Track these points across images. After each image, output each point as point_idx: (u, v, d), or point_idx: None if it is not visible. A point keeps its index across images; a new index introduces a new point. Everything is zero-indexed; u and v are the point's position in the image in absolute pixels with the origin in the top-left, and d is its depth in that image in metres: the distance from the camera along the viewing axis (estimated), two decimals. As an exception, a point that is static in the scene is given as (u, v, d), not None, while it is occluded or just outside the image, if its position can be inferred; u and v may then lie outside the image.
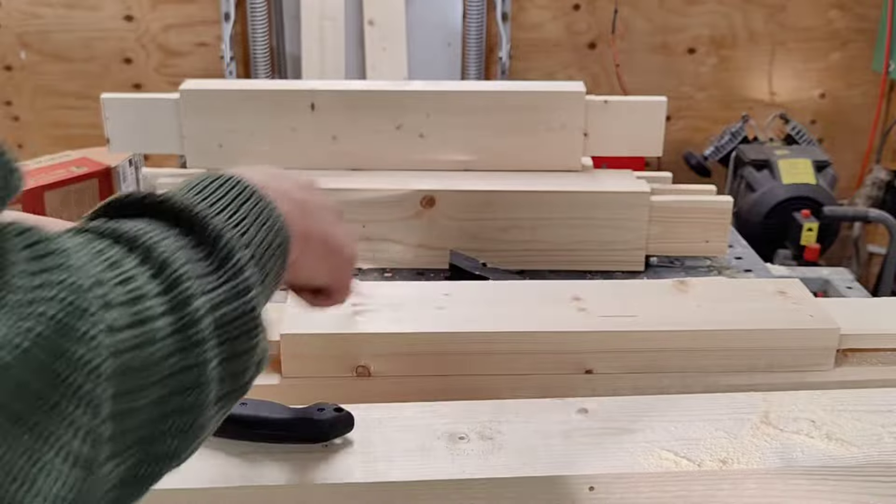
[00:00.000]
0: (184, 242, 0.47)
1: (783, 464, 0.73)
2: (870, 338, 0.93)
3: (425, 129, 1.32)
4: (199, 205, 0.50)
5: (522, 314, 0.92)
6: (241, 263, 0.49)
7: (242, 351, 0.48)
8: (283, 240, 0.55)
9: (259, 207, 0.53)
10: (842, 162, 2.94)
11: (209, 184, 0.53)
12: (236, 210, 0.52)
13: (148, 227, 0.46)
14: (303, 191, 0.63)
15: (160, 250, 0.44)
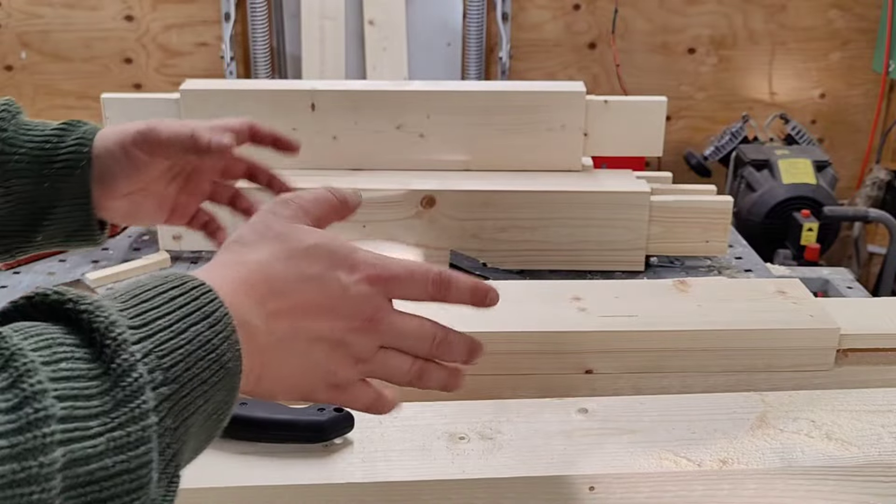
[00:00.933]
0: (82, 356, 0.42)
1: (783, 464, 0.73)
2: (870, 338, 0.93)
3: (425, 129, 1.32)
4: (107, 318, 0.43)
5: (522, 314, 0.92)
6: (139, 384, 0.42)
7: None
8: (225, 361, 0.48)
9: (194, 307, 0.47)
10: (842, 162, 2.94)
11: (150, 288, 0.48)
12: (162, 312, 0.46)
13: (37, 341, 0.41)
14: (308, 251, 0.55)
15: (23, 360, 0.39)
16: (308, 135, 1.31)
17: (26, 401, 0.38)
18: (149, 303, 0.46)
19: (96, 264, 1.31)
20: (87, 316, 0.43)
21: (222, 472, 0.71)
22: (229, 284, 0.51)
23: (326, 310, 0.55)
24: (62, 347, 0.42)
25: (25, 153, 0.75)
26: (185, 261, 1.31)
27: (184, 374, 0.45)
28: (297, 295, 0.54)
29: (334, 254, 0.56)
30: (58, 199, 0.76)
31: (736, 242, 1.42)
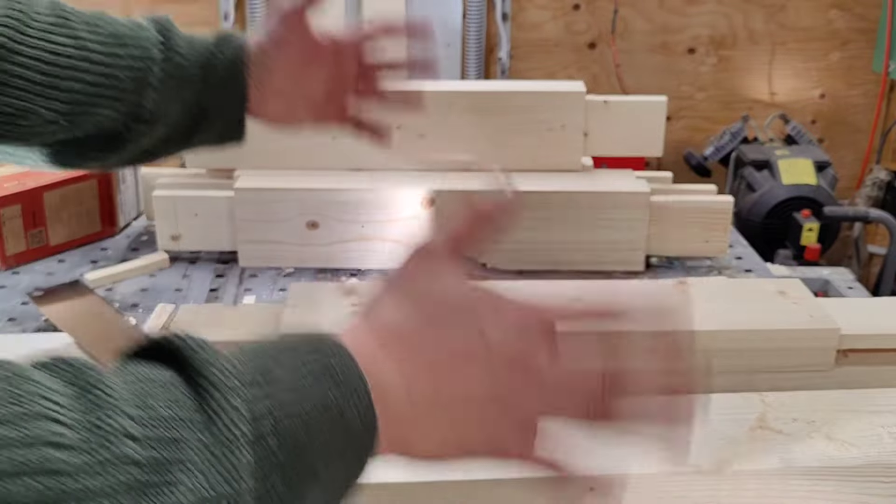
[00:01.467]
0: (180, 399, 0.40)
1: (783, 464, 0.73)
2: (870, 338, 0.92)
3: (425, 129, 1.32)
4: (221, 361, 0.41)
5: (522, 314, 0.92)
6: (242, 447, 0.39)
7: None
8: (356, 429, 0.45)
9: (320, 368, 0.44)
10: (842, 162, 2.94)
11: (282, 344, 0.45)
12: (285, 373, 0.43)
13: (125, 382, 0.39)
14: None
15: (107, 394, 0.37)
16: (307, 135, 1.31)
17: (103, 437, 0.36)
18: (274, 358, 0.44)
19: (95, 264, 1.31)
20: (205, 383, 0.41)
21: (221, 473, 0.71)
22: (365, 345, 0.48)
23: (471, 366, 0.50)
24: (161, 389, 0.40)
25: (194, 63, 0.83)
26: (184, 261, 1.31)
27: (301, 437, 0.42)
28: (439, 352, 0.50)
29: (476, 303, 0.53)
30: (220, 103, 0.86)
31: (736, 242, 1.42)
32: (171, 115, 0.83)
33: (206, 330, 0.91)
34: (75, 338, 0.95)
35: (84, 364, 0.39)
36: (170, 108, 0.83)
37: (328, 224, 1.27)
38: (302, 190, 1.26)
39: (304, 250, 1.28)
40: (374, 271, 1.28)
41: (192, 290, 1.23)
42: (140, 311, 1.15)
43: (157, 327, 1.04)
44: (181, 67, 0.83)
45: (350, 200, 1.26)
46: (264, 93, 0.88)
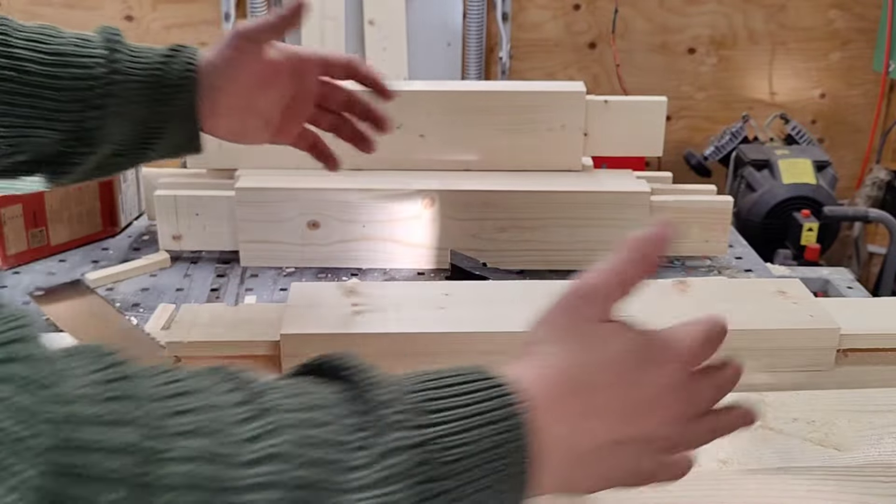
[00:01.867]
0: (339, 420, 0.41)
1: (783, 464, 0.73)
2: (870, 338, 0.93)
3: (425, 129, 1.32)
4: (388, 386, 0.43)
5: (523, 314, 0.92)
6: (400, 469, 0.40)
7: None
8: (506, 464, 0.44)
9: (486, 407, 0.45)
10: (842, 162, 2.94)
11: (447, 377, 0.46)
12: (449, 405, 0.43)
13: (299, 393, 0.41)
14: None
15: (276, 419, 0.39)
16: (308, 135, 1.31)
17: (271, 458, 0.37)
18: (438, 391, 0.45)
19: (96, 264, 1.31)
20: (364, 385, 0.43)
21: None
22: (531, 388, 0.48)
23: (636, 414, 0.51)
24: (326, 413, 0.41)
25: (139, 80, 0.81)
26: (185, 261, 1.31)
27: (455, 477, 0.42)
28: (606, 401, 0.51)
29: (641, 351, 0.53)
30: (169, 119, 0.83)
31: (736, 242, 1.42)
32: (116, 133, 0.81)
33: (206, 330, 0.91)
34: (76, 338, 0.95)
35: None
36: (114, 127, 0.80)
37: (329, 224, 1.27)
38: (303, 190, 1.26)
39: (304, 250, 1.28)
40: (375, 271, 1.29)
41: (194, 290, 1.23)
42: (141, 311, 1.15)
43: (157, 327, 1.04)
44: (125, 85, 0.80)
45: (350, 200, 1.26)
46: (214, 109, 0.85)
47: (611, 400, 0.51)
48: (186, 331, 0.91)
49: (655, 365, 0.53)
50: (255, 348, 0.90)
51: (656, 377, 0.52)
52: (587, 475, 0.51)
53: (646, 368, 0.52)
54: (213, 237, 1.30)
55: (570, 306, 0.56)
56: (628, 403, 0.51)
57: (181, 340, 0.89)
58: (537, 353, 0.53)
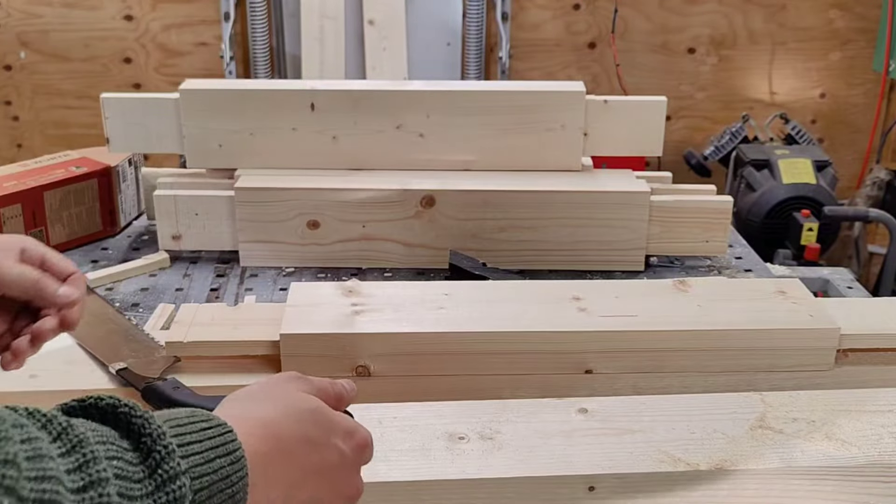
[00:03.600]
0: (129, 459, 0.46)
1: (783, 464, 0.73)
2: (870, 338, 0.93)
3: (425, 129, 1.32)
4: (158, 427, 0.48)
5: (522, 314, 0.92)
6: (181, 494, 0.47)
7: None
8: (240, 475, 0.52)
9: (220, 441, 0.51)
10: (842, 162, 2.94)
11: (184, 417, 0.52)
12: (195, 439, 0.50)
13: (97, 436, 0.46)
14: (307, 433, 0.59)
15: (90, 448, 0.44)
16: (308, 135, 1.31)
17: (92, 485, 0.42)
18: (184, 428, 0.50)
19: (95, 264, 1.31)
20: (139, 422, 0.47)
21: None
22: (241, 438, 0.53)
23: (323, 476, 0.59)
24: (114, 446, 0.45)
25: None
26: (185, 261, 1.31)
27: (208, 501, 0.49)
28: (301, 457, 0.57)
29: (332, 420, 0.60)
30: None
31: (736, 242, 1.42)
32: None
33: (206, 330, 0.91)
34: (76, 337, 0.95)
35: None
36: None
37: (328, 224, 1.27)
38: (302, 190, 1.26)
39: (304, 250, 1.28)
40: (375, 271, 1.29)
41: (193, 290, 1.23)
42: (141, 311, 1.15)
43: (157, 327, 1.04)
44: None
45: (350, 200, 1.26)
46: None
47: (304, 457, 0.58)
48: (186, 331, 0.91)
49: (343, 436, 0.61)
50: (255, 348, 0.89)
51: (345, 448, 0.60)
52: None
53: (336, 436, 0.60)
54: (212, 237, 1.30)
55: (280, 376, 0.63)
56: (318, 466, 0.59)
57: (181, 340, 0.89)
58: (243, 404, 0.59)
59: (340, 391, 0.66)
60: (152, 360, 0.89)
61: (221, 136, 1.31)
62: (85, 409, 0.49)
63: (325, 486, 0.59)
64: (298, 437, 0.58)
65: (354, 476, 0.62)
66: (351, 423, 0.62)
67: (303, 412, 0.59)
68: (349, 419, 0.63)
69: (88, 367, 0.90)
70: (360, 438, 0.62)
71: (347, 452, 0.60)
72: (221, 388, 0.82)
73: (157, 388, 0.82)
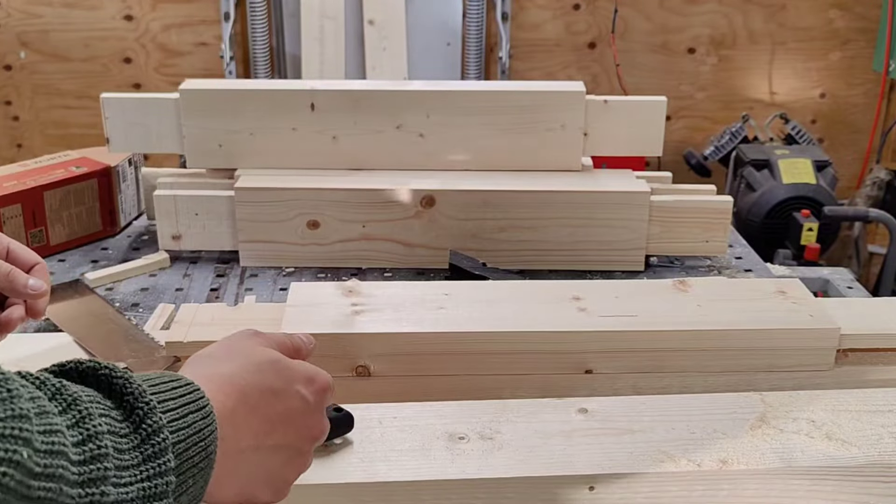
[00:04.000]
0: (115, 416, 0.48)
1: (783, 464, 0.73)
2: (870, 338, 0.93)
3: (425, 129, 1.32)
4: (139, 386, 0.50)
5: (522, 314, 0.92)
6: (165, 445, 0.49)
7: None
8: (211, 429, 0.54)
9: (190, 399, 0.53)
10: (842, 162, 2.94)
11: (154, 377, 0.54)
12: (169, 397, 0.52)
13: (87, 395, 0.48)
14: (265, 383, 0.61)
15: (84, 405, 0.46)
16: (308, 135, 1.31)
17: (90, 438, 0.45)
18: (158, 387, 0.52)
19: (95, 264, 1.31)
20: (121, 381, 0.49)
21: (222, 472, 0.71)
22: (207, 390, 0.55)
23: (289, 422, 0.61)
24: (101, 405, 0.48)
25: None
26: (185, 261, 1.31)
27: (184, 453, 0.51)
28: (265, 407, 0.60)
29: (292, 368, 0.63)
30: None
31: (736, 242, 1.42)
32: None
33: (206, 330, 0.91)
34: (76, 337, 0.95)
35: None
36: None
37: (328, 223, 1.27)
38: (302, 189, 1.26)
39: (304, 250, 1.28)
40: (375, 271, 1.29)
41: (193, 290, 1.23)
42: (141, 311, 1.15)
43: (157, 327, 1.04)
44: None
45: (350, 200, 1.26)
46: None
47: (268, 406, 0.60)
48: (186, 331, 0.91)
49: (305, 382, 0.63)
50: (255, 348, 0.89)
51: (307, 392, 0.63)
52: (235, 481, 0.58)
53: (297, 383, 0.63)
54: (212, 237, 1.30)
55: (238, 334, 0.66)
56: (283, 413, 0.61)
57: (181, 340, 0.89)
58: (205, 364, 0.61)
59: (298, 343, 0.69)
60: (152, 360, 0.89)
61: (221, 136, 1.31)
62: (66, 373, 0.51)
63: (291, 431, 0.61)
64: (261, 388, 0.60)
65: (319, 418, 0.64)
66: (311, 369, 0.65)
67: (263, 364, 0.61)
68: (308, 366, 0.65)
69: (88, 367, 0.89)
70: (320, 382, 0.65)
71: (309, 397, 0.63)
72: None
73: (157, 388, 0.82)
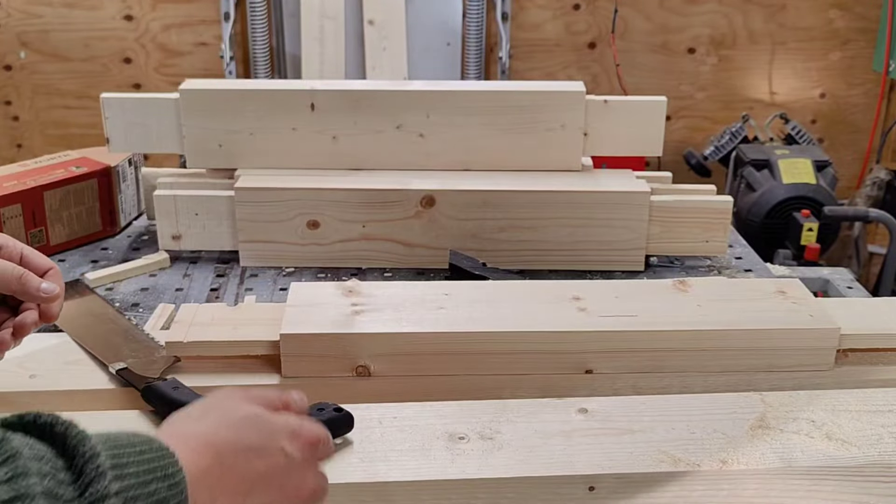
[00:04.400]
0: (61, 478, 0.47)
1: (783, 464, 0.73)
2: (870, 338, 0.93)
3: (425, 129, 1.32)
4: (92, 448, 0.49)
5: (522, 314, 0.92)
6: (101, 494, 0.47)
7: None
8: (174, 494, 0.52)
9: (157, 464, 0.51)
10: (842, 162, 2.94)
11: (124, 439, 0.52)
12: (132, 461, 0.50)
13: (32, 451, 0.46)
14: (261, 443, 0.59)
15: (26, 481, 0.44)
16: (307, 135, 1.31)
17: (19, 498, 0.43)
18: (122, 450, 0.50)
19: (95, 264, 1.31)
20: (74, 441, 0.48)
21: (222, 473, 0.71)
22: (183, 456, 0.54)
23: (271, 481, 0.59)
24: (48, 464, 0.46)
25: None
26: (185, 261, 1.31)
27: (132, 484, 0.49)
28: (243, 465, 0.58)
29: (273, 423, 0.61)
30: None
31: (736, 242, 1.42)
32: None
33: (206, 330, 0.91)
34: (76, 337, 0.95)
35: None
36: None
37: (328, 223, 1.27)
38: (302, 189, 1.26)
39: (304, 250, 1.28)
40: (375, 271, 1.29)
41: (193, 290, 1.23)
42: (141, 311, 1.15)
43: (157, 327, 1.04)
44: None
45: (350, 200, 1.26)
46: None
47: (247, 465, 0.58)
48: (186, 330, 0.91)
49: (289, 437, 0.61)
50: (255, 348, 0.89)
51: (291, 449, 0.60)
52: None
53: (279, 438, 0.60)
54: (212, 237, 1.30)
55: (219, 392, 0.64)
56: (263, 472, 0.59)
57: (181, 340, 0.89)
58: (182, 423, 0.59)
59: (286, 398, 0.66)
60: (152, 360, 0.89)
61: (221, 136, 1.31)
62: (24, 425, 0.49)
63: (273, 490, 0.59)
64: (238, 446, 0.58)
65: (307, 475, 0.62)
66: (296, 422, 0.62)
67: (240, 421, 0.59)
68: (294, 419, 0.62)
69: (88, 367, 0.90)
70: (307, 436, 0.62)
71: (295, 453, 0.60)
72: (222, 389, 0.82)
73: (158, 388, 0.82)
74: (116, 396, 0.86)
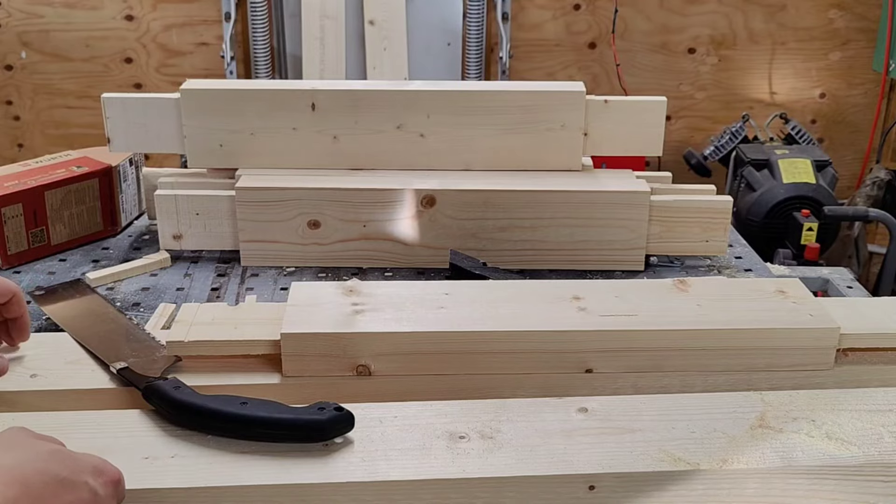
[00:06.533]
0: None
1: (783, 464, 0.73)
2: (870, 338, 0.93)
3: (425, 129, 1.32)
4: None
5: (522, 314, 0.92)
6: None
7: None
8: None
9: None
10: (842, 162, 2.94)
11: None
12: None
13: None
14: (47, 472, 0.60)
15: None
16: (308, 135, 1.31)
17: None
18: None
19: (96, 264, 1.31)
20: None
21: (222, 472, 0.71)
22: None
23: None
24: None
25: None
26: (186, 260, 1.31)
27: None
28: (51, 497, 0.58)
29: (77, 458, 0.62)
30: None
31: (736, 242, 1.42)
32: None
33: (207, 329, 0.91)
34: (76, 337, 0.95)
35: None
36: None
37: (329, 223, 1.27)
38: (303, 189, 1.26)
39: (305, 250, 1.28)
40: (375, 271, 1.29)
41: (194, 290, 1.23)
42: (142, 311, 1.15)
43: (158, 327, 1.04)
44: None
45: (350, 200, 1.27)
46: None
47: (56, 498, 0.58)
48: (187, 330, 0.91)
49: (93, 473, 0.62)
50: (256, 348, 0.90)
51: (96, 484, 0.61)
52: None
53: (84, 474, 0.61)
54: (213, 237, 1.30)
55: (18, 428, 0.65)
56: None
57: (182, 340, 0.89)
58: None
59: None
60: (153, 359, 0.89)
61: (222, 135, 1.31)
62: None
63: None
64: (46, 477, 0.59)
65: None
66: (98, 461, 0.63)
67: (45, 454, 0.60)
68: (95, 458, 0.64)
69: (89, 367, 0.90)
70: (109, 475, 0.63)
71: (99, 490, 0.61)
72: (223, 388, 0.83)
73: (159, 387, 0.82)
74: (117, 396, 0.86)
